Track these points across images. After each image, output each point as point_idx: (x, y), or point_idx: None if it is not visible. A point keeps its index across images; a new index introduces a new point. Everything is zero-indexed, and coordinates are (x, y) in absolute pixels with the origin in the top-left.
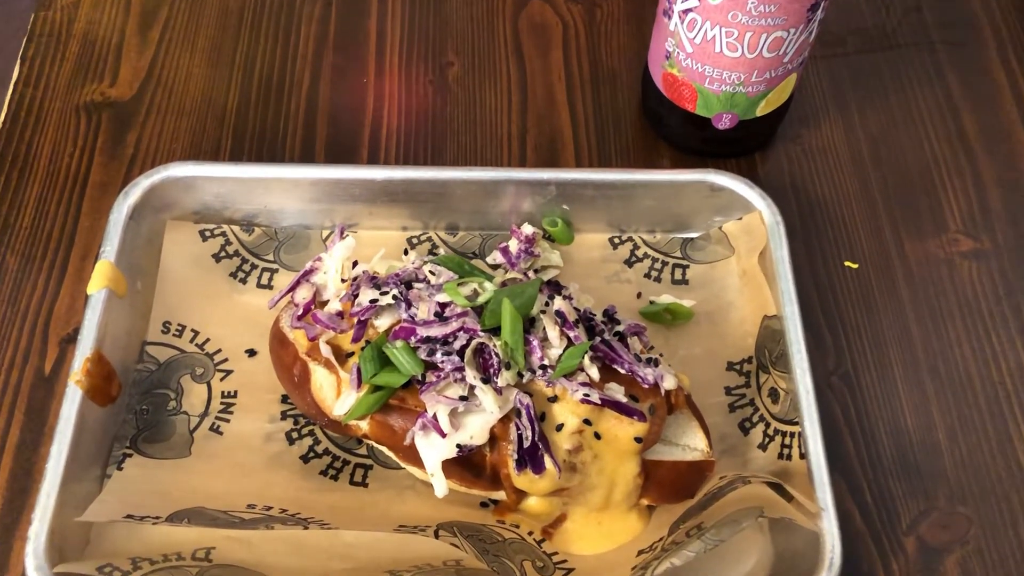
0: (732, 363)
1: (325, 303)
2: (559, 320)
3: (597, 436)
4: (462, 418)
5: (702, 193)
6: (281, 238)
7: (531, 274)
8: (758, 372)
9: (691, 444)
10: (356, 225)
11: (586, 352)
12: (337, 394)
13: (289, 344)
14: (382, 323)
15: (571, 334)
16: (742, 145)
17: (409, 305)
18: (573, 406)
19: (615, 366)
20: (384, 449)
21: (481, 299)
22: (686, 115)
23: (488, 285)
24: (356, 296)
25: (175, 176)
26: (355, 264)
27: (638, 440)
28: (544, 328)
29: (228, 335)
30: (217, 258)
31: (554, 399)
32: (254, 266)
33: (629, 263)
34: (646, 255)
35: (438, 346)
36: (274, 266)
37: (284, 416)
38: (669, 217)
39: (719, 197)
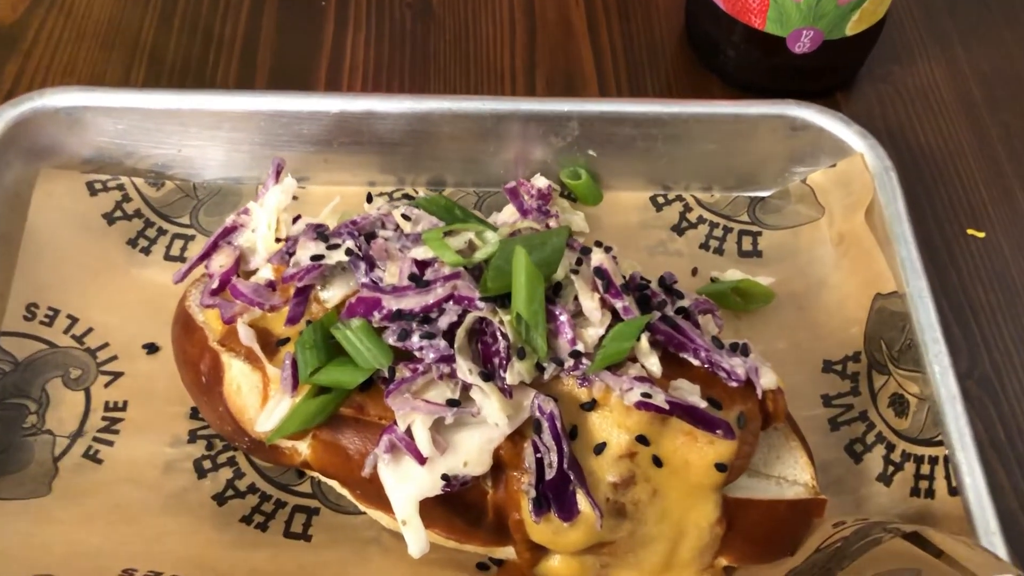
0: (831, 362)
1: (253, 273)
2: (599, 284)
3: (657, 462)
4: (451, 434)
5: (779, 133)
6: (201, 195)
7: (553, 224)
8: (870, 373)
9: (789, 476)
10: (306, 180)
11: (643, 331)
12: (263, 401)
13: (196, 329)
14: (331, 295)
15: (618, 304)
16: (822, 79)
17: (371, 265)
18: (621, 416)
19: (684, 355)
20: (335, 484)
21: (480, 254)
22: (751, 35)
23: (490, 235)
24: (292, 255)
25: (54, 107)
26: (297, 219)
27: (720, 468)
28: (576, 297)
29: (120, 324)
30: (110, 219)
31: (592, 405)
32: (162, 231)
33: (679, 230)
34: (701, 219)
35: (415, 325)
36: (190, 231)
37: (194, 437)
38: (732, 168)
39: (801, 138)
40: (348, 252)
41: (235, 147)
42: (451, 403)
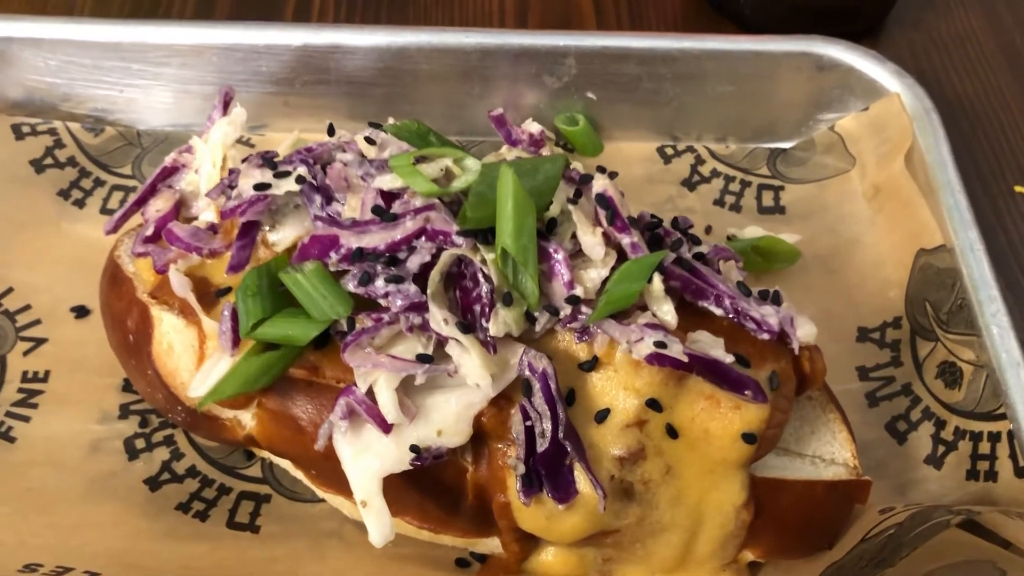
0: (867, 330)
1: (195, 220)
2: (602, 215)
3: (672, 433)
4: (422, 397)
5: (803, 74)
6: (145, 143)
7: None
8: (914, 340)
9: (826, 454)
10: (264, 127)
11: (656, 270)
12: (198, 362)
13: (124, 280)
14: (282, 236)
15: (625, 240)
16: (847, 22)
17: (328, 198)
18: (628, 376)
19: (705, 303)
20: (288, 466)
21: (460, 183)
22: None
23: (471, 162)
24: (235, 188)
25: None
26: (246, 159)
27: (748, 439)
28: (574, 235)
29: (45, 285)
30: (39, 167)
31: (592, 364)
32: (99, 182)
33: (690, 184)
34: (716, 173)
35: (379, 267)
36: (131, 183)
37: (126, 413)
38: (749, 116)
39: (828, 79)
40: (300, 180)
41: (184, 88)
42: (422, 359)
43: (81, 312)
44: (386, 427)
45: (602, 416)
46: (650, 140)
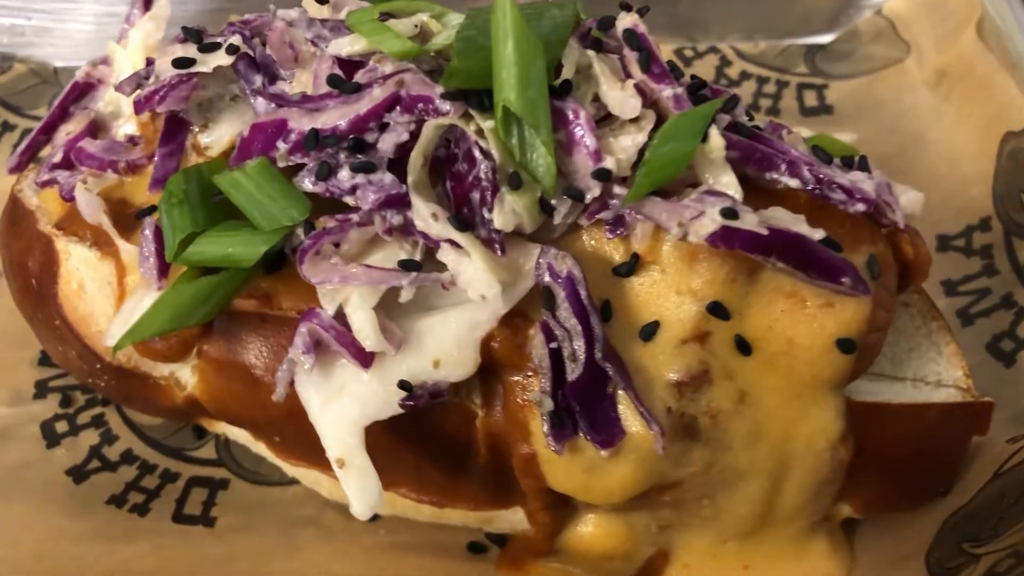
0: (948, 237)
1: None
2: (633, 59)
3: (743, 347)
4: (410, 320)
5: None
6: (64, 80)
7: None
8: (1009, 241)
9: (930, 375)
10: None
11: (711, 122)
12: (117, 302)
13: (25, 216)
14: (216, 137)
15: (666, 92)
16: None
17: (270, 75)
18: (681, 274)
19: (774, 174)
20: (246, 438)
21: (441, 39)
22: None
23: (454, 17)
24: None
25: None
26: (148, 63)
27: (845, 347)
28: (595, 96)
29: None
30: None
31: (631, 266)
32: (9, 126)
33: None
34: (746, 75)
35: (342, 154)
36: None
37: (43, 391)
38: (778, 9)
39: None
40: (232, 51)
41: (106, 9)
42: (407, 267)
43: None
44: (364, 359)
45: (650, 331)
46: (665, 42)
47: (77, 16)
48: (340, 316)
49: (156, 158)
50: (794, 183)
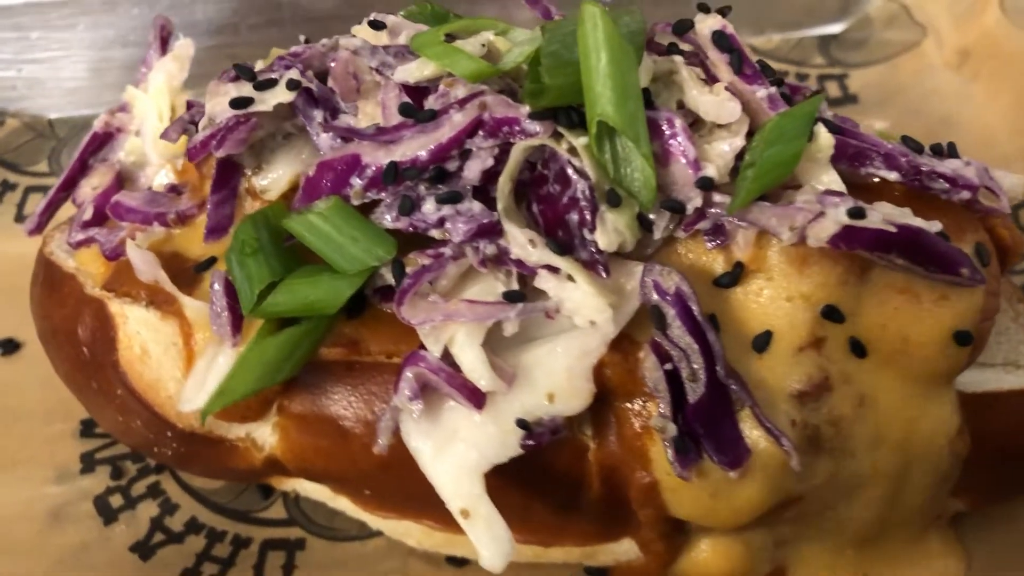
0: None
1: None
2: (722, 60)
3: (857, 349)
4: (514, 353)
5: None
6: (61, 132)
7: None
8: None
9: (1021, 358)
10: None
11: (815, 116)
12: (186, 363)
13: (65, 280)
14: (273, 179)
15: (759, 92)
16: None
17: (331, 109)
18: (792, 277)
19: (869, 168)
20: (323, 493)
21: (514, 56)
22: None
23: (521, 33)
24: (197, 123)
25: None
26: (190, 106)
27: (962, 340)
28: (679, 102)
29: None
30: None
31: (735, 274)
32: (9, 185)
33: None
34: None
35: (423, 187)
36: (50, 181)
37: (91, 464)
38: (782, 1)
39: None
40: (293, 86)
41: (101, 55)
42: (511, 298)
43: (9, 347)
44: (477, 400)
45: (763, 342)
46: None
47: (70, 64)
48: (446, 356)
49: (208, 206)
50: (892, 176)
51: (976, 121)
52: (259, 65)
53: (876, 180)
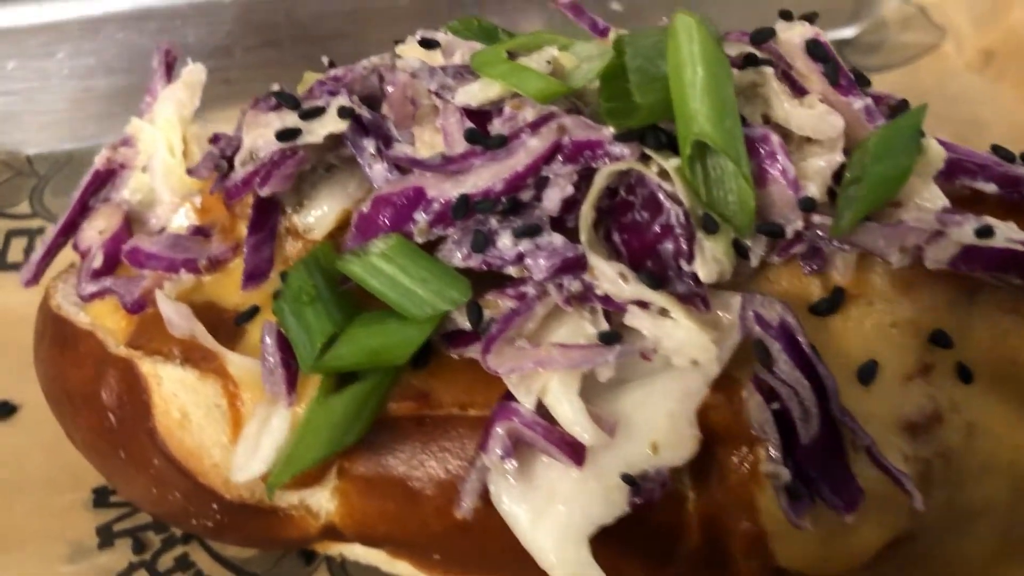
0: None
1: (160, 234)
2: (816, 71)
3: (963, 374)
4: (609, 401)
5: None
6: (41, 169)
7: None
8: None
9: None
10: (199, 118)
11: (919, 129)
12: (233, 428)
13: (81, 337)
14: (317, 216)
15: (856, 104)
16: None
17: (384, 138)
18: (897, 302)
19: (964, 179)
20: (375, 557)
21: (586, 72)
22: None
23: (585, 47)
24: (230, 158)
25: None
26: (216, 139)
27: None
28: (775, 107)
29: None
30: None
31: (835, 300)
32: None
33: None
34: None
35: (495, 221)
36: (34, 223)
37: (108, 538)
38: (789, 5)
39: None
40: (344, 114)
41: (83, 84)
42: (607, 339)
43: (5, 411)
44: (577, 455)
45: (868, 372)
46: None
47: (47, 96)
48: (538, 408)
49: (245, 249)
50: (990, 188)
51: (1004, 122)
52: (298, 90)
53: (968, 192)
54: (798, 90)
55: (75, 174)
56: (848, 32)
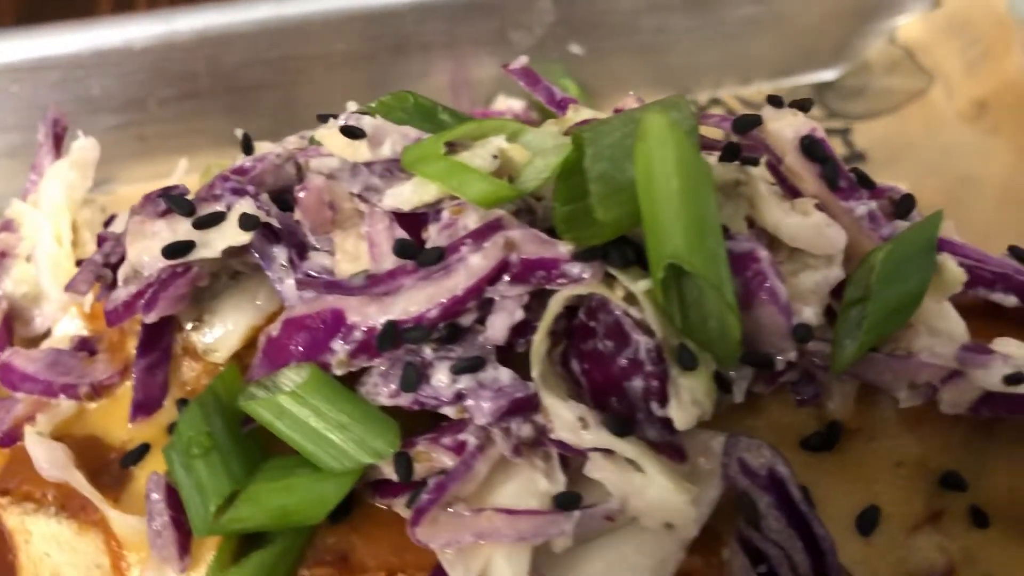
0: None
1: (44, 337)
2: (812, 172)
3: (978, 518)
4: (568, 566)
5: None
6: None
7: None
8: None
9: None
10: (111, 182)
11: (934, 245)
12: None
13: None
14: (218, 335)
15: (859, 210)
16: None
17: (298, 246)
18: (903, 439)
19: (980, 290)
20: None
21: (536, 172)
22: None
23: (536, 135)
24: (117, 264)
25: None
26: (112, 220)
27: None
28: (763, 211)
29: None
30: None
31: (832, 435)
32: None
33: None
34: None
35: (430, 351)
36: None
37: None
38: (772, 46)
39: None
40: (248, 224)
41: None
42: (564, 503)
43: None
44: None
45: (869, 520)
46: (656, 96)
47: None
48: None
49: (134, 373)
50: (1009, 300)
51: (998, 179)
52: (194, 184)
53: (981, 302)
54: (788, 188)
55: None
56: (829, 75)
